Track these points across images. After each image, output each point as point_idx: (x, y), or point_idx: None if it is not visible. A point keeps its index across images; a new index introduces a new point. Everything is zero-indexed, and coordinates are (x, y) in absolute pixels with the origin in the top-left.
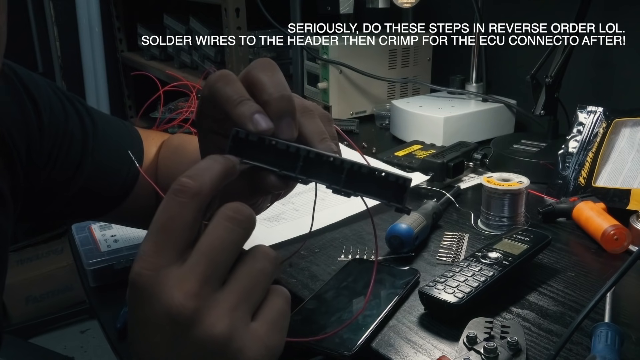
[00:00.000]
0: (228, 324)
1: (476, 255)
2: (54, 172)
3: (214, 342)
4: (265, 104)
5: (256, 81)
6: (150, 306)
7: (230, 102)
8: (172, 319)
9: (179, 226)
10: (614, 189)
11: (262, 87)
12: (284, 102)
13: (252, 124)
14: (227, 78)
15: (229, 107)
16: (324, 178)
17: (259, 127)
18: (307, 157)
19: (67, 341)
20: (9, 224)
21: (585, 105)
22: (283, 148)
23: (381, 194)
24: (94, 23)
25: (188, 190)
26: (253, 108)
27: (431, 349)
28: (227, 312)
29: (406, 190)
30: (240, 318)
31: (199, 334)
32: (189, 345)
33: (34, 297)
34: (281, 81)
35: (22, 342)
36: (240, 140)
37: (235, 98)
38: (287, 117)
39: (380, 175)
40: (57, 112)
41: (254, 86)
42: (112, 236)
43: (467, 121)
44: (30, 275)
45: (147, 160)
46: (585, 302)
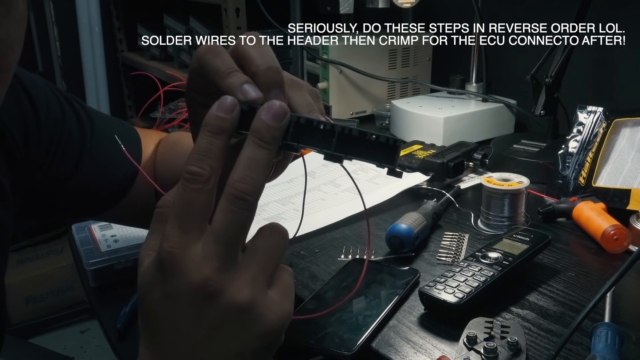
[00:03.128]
0: (250, 292)
1: (476, 255)
2: (52, 170)
3: (239, 308)
4: (253, 75)
5: (244, 54)
6: (179, 281)
7: (219, 74)
8: (201, 291)
9: (198, 209)
10: (614, 189)
11: (250, 59)
12: (272, 73)
13: (241, 93)
14: (215, 50)
15: (219, 79)
16: (315, 143)
17: (248, 96)
18: (297, 123)
19: (67, 341)
20: (10, 218)
21: (585, 105)
22: None
23: (372, 156)
24: (94, 23)
25: (201, 178)
26: (242, 79)
27: (431, 349)
28: (248, 283)
29: (397, 151)
30: (259, 287)
31: (225, 302)
32: (215, 314)
33: (34, 297)
34: (269, 53)
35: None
36: None
37: (225, 69)
38: (276, 89)
39: (372, 138)
40: (55, 111)
41: (242, 58)
42: (112, 236)
43: (467, 121)
44: (30, 275)
45: (145, 157)
46: (585, 302)
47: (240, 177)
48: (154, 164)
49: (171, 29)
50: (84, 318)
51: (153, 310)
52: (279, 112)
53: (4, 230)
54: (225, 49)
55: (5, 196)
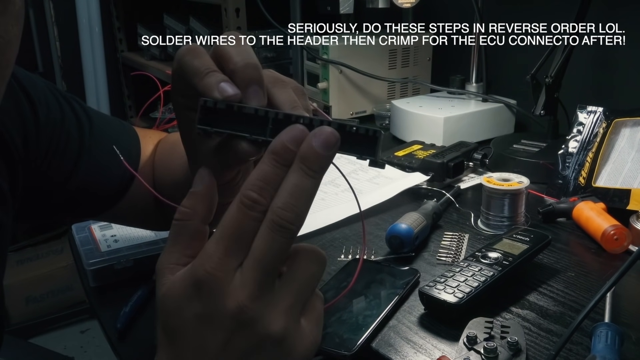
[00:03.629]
0: (284, 323)
1: (476, 255)
2: (51, 169)
3: (271, 338)
4: (231, 73)
5: (223, 53)
6: (215, 304)
7: (197, 75)
8: (236, 317)
9: (248, 235)
10: (614, 189)
11: (228, 57)
12: (250, 70)
13: (218, 91)
14: (195, 51)
15: (197, 80)
16: None
17: (225, 93)
18: (275, 119)
19: (67, 341)
20: (9, 219)
21: (585, 105)
22: (251, 112)
23: (353, 148)
24: (94, 23)
25: (260, 207)
26: (219, 78)
27: (431, 349)
28: (283, 313)
29: (377, 142)
30: (293, 318)
31: (258, 331)
32: (246, 341)
33: (34, 297)
34: (247, 50)
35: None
36: (209, 110)
37: (203, 70)
38: (254, 85)
39: (352, 130)
40: (54, 111)
41: (221, 58)
42: (112, 236)
43: (467, 121)
44: (30, 275)
45: (144, 158)
46: (585, 302)
47: (285, 205)
48: (152, 164)
49: (171, 29)
50: (84, 318)
51: (182, 328)
52: (330, 139)
53: (3, 232)
54: (206, 50)
55: (4, 198)
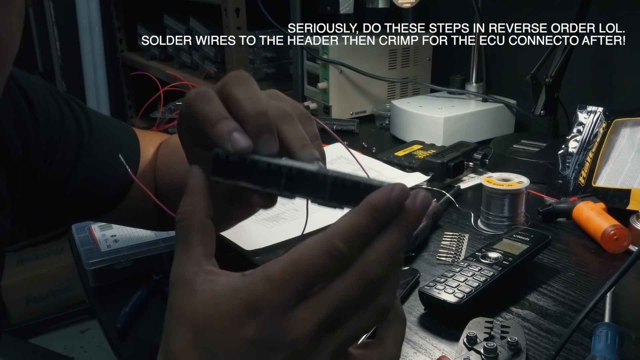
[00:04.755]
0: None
1: (476, 255)
2: (51, 172)
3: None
4: (242, 121)
5: (231, 97)
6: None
7: (208, 121)
8: (283, 346)
9: (321, 280)
10: (614, 189)
11: (237, 103)
12: (261, 118)
13: (230, 143)
14: (205, 96)
15: (207, 127)
16: (308, 192)
17: (237, 145)
18: (289, 174)
19: (67, 341)
20: (7, 223)
21: (585, 105)
22: (264, 167)
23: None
24: (94, 23)
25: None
26: (231, 126)
27: (431, 349)
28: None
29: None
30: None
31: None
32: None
33: (34, 297)
34: (256, 95)
35: (22, 342)
36: (221, 160)
37: (213, 117)
38: (266, 134)
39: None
40: (54, 113)
41: (230, 102)
42: (112, 236)
43: (467, 121)
44: (30, 275)
45: (145, 160)
46: (585, 302)
47: (379, 261)
48: (154, 168)
49: (171, 29)
50: (84, 318)
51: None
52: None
53: (2, 234)
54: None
55: (3, 201)
